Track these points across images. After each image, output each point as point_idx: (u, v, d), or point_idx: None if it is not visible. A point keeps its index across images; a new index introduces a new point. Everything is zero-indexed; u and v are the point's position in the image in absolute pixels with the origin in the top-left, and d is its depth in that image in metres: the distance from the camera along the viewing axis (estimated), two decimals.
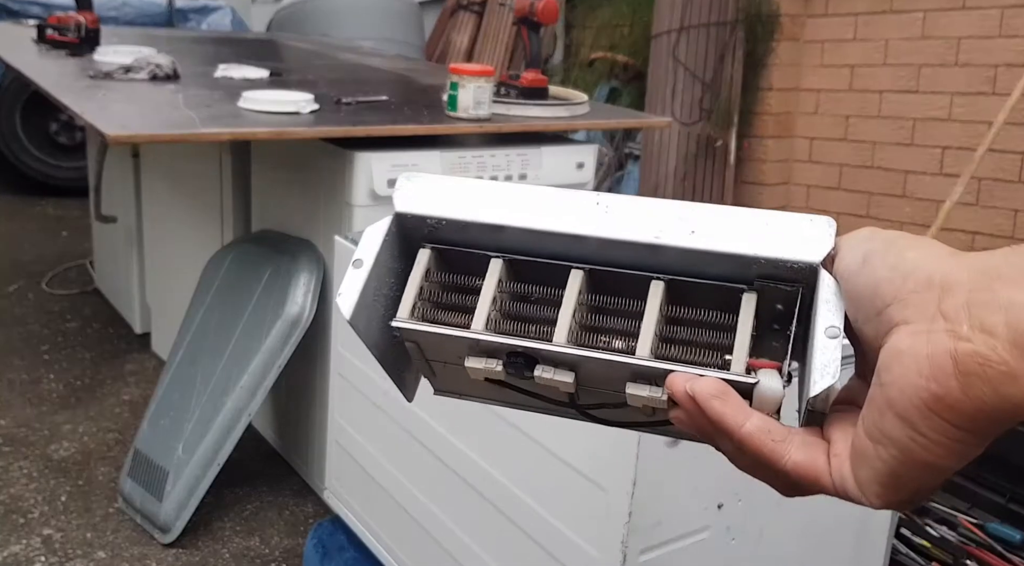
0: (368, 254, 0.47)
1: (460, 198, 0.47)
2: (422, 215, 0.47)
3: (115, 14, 4.51)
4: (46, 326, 3.11)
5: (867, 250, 0.41)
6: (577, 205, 0.46)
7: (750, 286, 0.44)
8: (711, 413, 0.41)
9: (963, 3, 3.34)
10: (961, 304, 0.36)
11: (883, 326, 0.39)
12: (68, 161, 4.71)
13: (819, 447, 0.42)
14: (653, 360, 0.44)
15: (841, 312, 0.42)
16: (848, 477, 0.40)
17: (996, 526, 1.61)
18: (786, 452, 0.41)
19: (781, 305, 0.45)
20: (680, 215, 0.44)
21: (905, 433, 0.37)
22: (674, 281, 0.45)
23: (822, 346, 0.41)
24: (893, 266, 0.39)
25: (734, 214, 0.44)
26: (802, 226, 0.43)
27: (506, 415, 1.21)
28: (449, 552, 1.36)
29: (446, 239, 0.48)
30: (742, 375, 0.42)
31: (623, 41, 4.62)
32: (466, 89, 1.95)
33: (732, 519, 1.12)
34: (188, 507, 1.99)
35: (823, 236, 0.43)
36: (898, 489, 0.39)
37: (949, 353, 0.35)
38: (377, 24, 4.93)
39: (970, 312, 0.35)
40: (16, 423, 2.46)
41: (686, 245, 0.43)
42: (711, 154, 3.90)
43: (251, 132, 1.80)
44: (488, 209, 0.46)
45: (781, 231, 0.43)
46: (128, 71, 2.22)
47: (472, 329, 0.46)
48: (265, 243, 2.15)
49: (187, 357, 2.13)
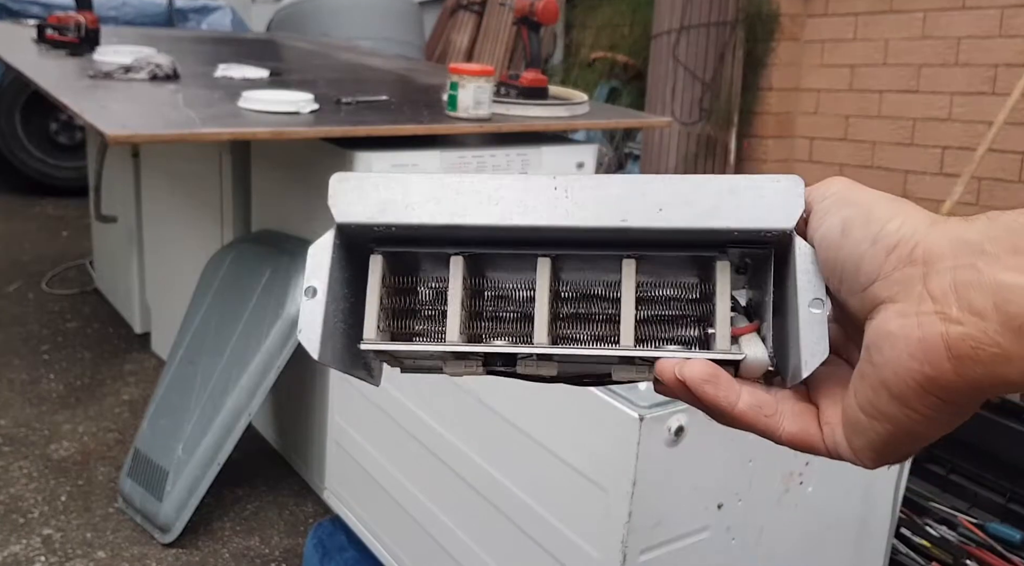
0: (319, 280, 0.43)
1: (405, 197, 0.43)
2: (367, 223, 0.43)
3: (115, 14, 4.51)
4: (46, 326, 3.11)
5: (845, 219, 0.40)
6: (535, 192, 0.42)
7: (721, 251, 0.43)
8: (703, 397, 0.42)
9: (963, 3, 3.34)
10: (948, 285, 0.36)
11: (868, 301, 0.39)
12: (68, 161, 4.71)
13: (810, 415, 0.43)
14: (637, 349, 0.43)
15: (822, 283, 0.41)
16: (842, 443, 0.41)
17: (996, 526, 1.61)
18: (779, 426, 0.42)
19: (750, 261, 0.44)
20: (643, 191, 0.42)
21: (900, 411, 0.38)
22: (644, 255, 0.44)
23: (808, 321, 0.40)
24: (874, 239, 0.39)
25: (699, 184, 0.42)
26: (770, 189, 0.41)
27: (506, 415, 1.21)
28: (449, 552, 1.36)
29: (397, 239, 0.44)
30: (728, 352, 0.42)
31: (623, 41, 4.62)
32: (466, 89, 1.95)
33: (732, 519, 1.12)
34: (188, 507, 1.99)
35: (793, 198, 0.41)
36: (892, 453, 0.40)
37: (941, 336, 0.36)
38: (377, 24, 4.93)
39: (958, 293, 0.36)
40: (16, 423, 2.46)
41: (655, 225, 0.41)
42: (711, 154, 3.90)
43: (251, 132, 1.80)
44: (437, 206, 0.42)
45: (750, 197, 0.41)
46: (128, 71, 2.22)
47: (448, 341, 0.44)
48: (265, 243, 2.15)
49: (187, 357, 2.13)
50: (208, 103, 2.00)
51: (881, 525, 1.34)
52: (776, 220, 0.41)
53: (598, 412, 1.04)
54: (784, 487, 1.17)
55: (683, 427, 1.02)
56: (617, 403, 1.01)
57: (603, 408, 1.03)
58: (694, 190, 0.41)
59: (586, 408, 1.05)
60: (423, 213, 0.42)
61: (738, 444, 1.10)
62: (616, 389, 1.03)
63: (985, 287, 0.35)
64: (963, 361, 0.35)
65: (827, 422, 0.42)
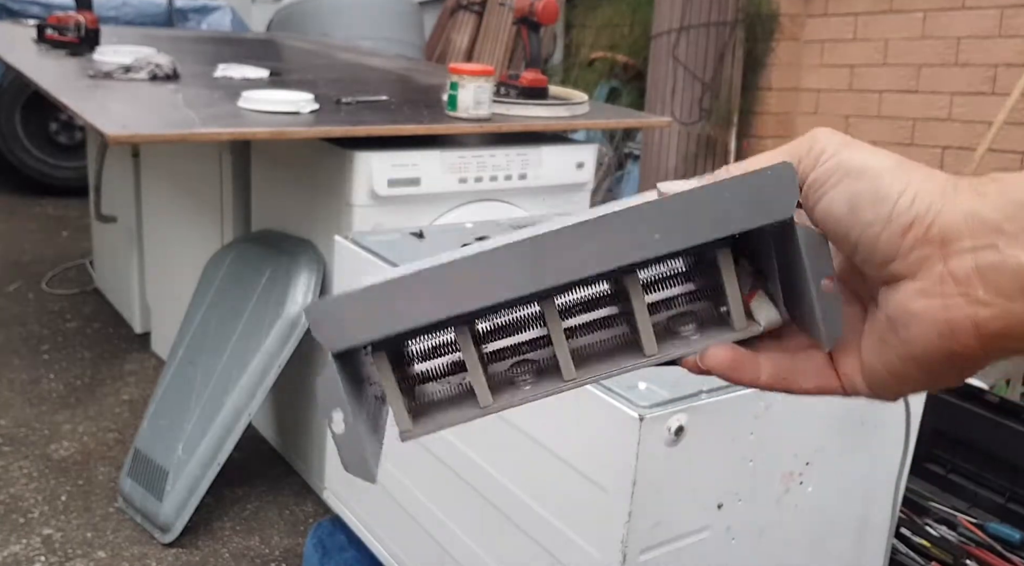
0: (342, 410, 0.42)
1: (389, 305, 0.41)
2: (360, 344, 0.41)
3: (115, 14, 4.51)
4: (46, 326, 3.11)
5: (851, 195, 0.40)
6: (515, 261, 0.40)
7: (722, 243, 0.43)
8: (729, 380, 0.44)
9: (963, 3, 3.34)
10: (970, 266, 0.37)
11: (884, 274, 0.40)
12: (68, 161, 4.71)
13: (828, 369, 0.44)
14: (661, 353, 0.43)
15: (830, 259, 0.41)
16: (862, 389, 0.43)
17: (996, 526, 1.61)
18: (800, 386, 0.45)
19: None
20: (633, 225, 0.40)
21: (927, 377, 0.40)
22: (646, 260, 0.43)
23: (821, 298, 0.41)
24: (887, 219, 0.39)
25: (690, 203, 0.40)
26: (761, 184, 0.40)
27: (506, 415, 1.21)
28: (449, 552, 1.36)
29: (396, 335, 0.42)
30: (745, 329, 0.43)
31: (623, 41, 4.62)
32: (466, 89, 1.95)
33: (732, 519, 1.12)
34: (188, 507, 1.99)
35: (787, 186, 0.40)
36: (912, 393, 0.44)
37: (969, 318, 0.37)
38: (377, 24, 4.93)
39: (982, 275, 0.37)
40: (16, 423, 2.46)
41: (656, 254, 0.41)
42: (711, 154, 3.90)
43: (251, 132, 1.80)
44: (427, 303, 0.40)
45: (743, 198, 0.40)
46: (128, 71, 2.22)
47: (481, 405, 0.43)
48: (265, 243, 2.15)
49: (187, 357, 2.13)
50: (208, 103, 2.00)
51: (881, 525, 1.34)
52: (773, 214, 0.40)
53: (598, 412, 1.04)
54: (784, 487, 1.17)
55: (683, 427, 1.02)
56: (617, 403, 1.01)
57: (603, 408, 1.03)
58: (687, 210, 0.40)
59: (586, 408, 1.05)
60: (414, 314, 0.41)
61: (738, 444, 1.10)
62: (616, 389, 1.03)
63: (1010, 270, 0.36)
64: (992, 339, 0.37)
65: (845, 373, 0.44)
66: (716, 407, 1.05)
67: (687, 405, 1.02)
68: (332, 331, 0.41)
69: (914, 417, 1.27)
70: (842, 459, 1.24)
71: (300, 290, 1.96)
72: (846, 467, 1.25)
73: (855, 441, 1.24)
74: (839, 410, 1.20)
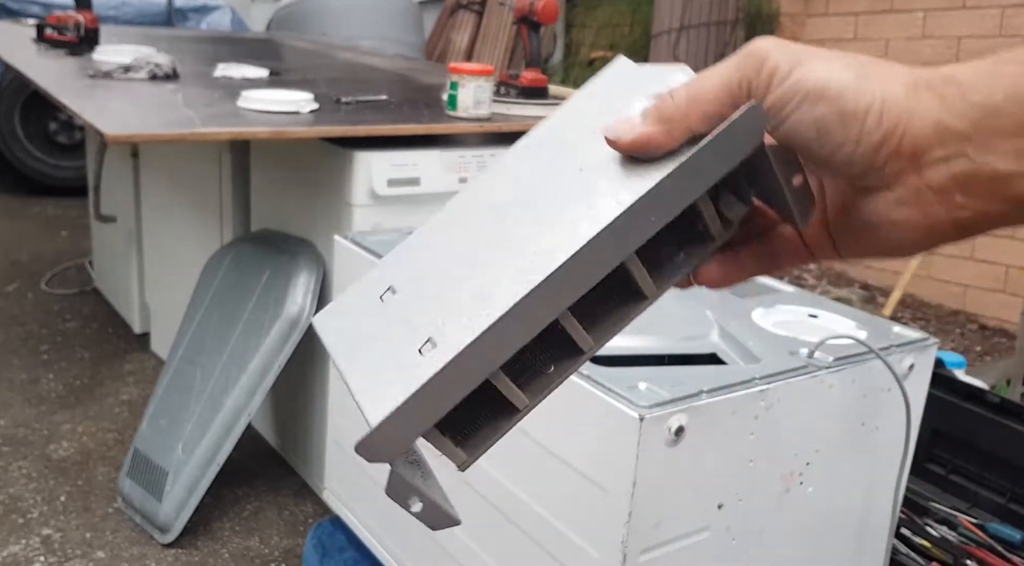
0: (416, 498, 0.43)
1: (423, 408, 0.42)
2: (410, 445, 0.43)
3: (114, 13, 4.51)
4: (45, 326, 3.11)
5: (816, 119, 0.39)
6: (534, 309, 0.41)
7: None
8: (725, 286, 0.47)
9: (963, 3, 3.34)
10: (945, 177, 0.38)
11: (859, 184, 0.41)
12: (67, 161, 4.70)
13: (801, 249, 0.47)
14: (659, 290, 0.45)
15: (797, 160, 0.42)
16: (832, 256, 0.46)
17: (996, 526, 1.61)
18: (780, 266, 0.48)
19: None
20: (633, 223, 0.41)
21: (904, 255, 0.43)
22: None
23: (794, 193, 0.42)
24: (856, 140, 0.39)
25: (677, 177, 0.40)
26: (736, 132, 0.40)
27: None
28: (449, 552, 1.36)
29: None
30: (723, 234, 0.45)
31: (623, 41, 4.62)
32: (466, 88, 1.95)
33: (732, 519, 1.12)
34: (187, 507, 1.98)
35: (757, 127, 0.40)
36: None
37: (950, 221, 0.39)
38: (377, 23, 4.93)
39: (959, 184, 0.38)
40: (15, 423, 2.46)
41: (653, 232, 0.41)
42: None
43: (251, 132, 1.80)
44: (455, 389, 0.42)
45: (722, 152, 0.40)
46: (127, 70, 2.22)
47: (520, 408, 0.45)
48: (265, 243, 2.15)
49: (186, 357, 2.12)
50: (208, 103, 1.99)
51: (881, 525, 1.34)
52: (746, 150, 0.40)
53: (598, 412, 1.03)
54: (784, 487, 1.17)
55: (683, 427, 1.01)
56: (617, 403, 1.01)
57: (603, 408, 1.03)
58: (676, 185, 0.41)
59: (586, 408, 1.05)
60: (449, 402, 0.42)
61: (738, 444, 1.09)
62: (616, 389, 1.03)
63: (985, 177, 0.38)
64: (969, 230, 0.40)
65: (816, 245, 0.46)
66: (716, 407, 1.05)
67: (687, 405, 1.02)
68: (384, 453, 0.41)
69: (914, 417, 1.27)
70: (842, 459, 1.24)
71: (300, 290, 1.96)
72: (846, 467, 1.25)
73: (855, 441, 1.24)
74: (839, 410, 1.20)
